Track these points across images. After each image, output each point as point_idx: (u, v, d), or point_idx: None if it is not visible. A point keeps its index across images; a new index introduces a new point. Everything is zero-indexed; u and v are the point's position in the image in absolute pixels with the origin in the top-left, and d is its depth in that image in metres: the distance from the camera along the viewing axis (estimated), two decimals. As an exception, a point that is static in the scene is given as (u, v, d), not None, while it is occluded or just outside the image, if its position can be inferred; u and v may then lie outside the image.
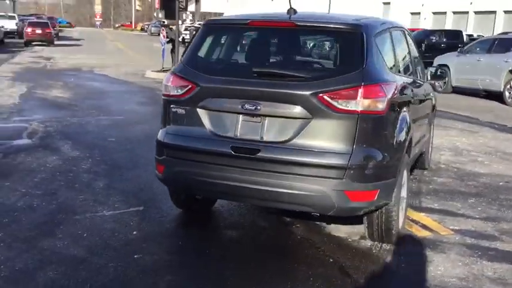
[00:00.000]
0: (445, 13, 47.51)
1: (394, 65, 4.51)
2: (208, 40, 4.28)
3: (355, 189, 3.75)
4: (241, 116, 3.89)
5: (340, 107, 3.69)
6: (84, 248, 4.10)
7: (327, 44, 4.20)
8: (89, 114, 10.06)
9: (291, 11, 4.23)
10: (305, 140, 3.74)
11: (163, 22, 65.32)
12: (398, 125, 4.06)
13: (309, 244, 4.40)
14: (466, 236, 4.68)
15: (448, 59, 16.25)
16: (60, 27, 65.44)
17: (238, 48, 4.44)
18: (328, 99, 3.68)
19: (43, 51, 29.58)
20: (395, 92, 4.03)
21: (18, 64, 20.68)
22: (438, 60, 16.60)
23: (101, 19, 78.61)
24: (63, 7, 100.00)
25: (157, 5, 25.12)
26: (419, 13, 50.55)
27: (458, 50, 16.12)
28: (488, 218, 5.18)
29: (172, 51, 17.74)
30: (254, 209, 5.06)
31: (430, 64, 13.45)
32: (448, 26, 43.86)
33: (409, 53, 5.32)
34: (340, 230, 4.66)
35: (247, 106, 3.82)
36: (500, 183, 6.44)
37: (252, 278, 3.74)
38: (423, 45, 25.58)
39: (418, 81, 5.51)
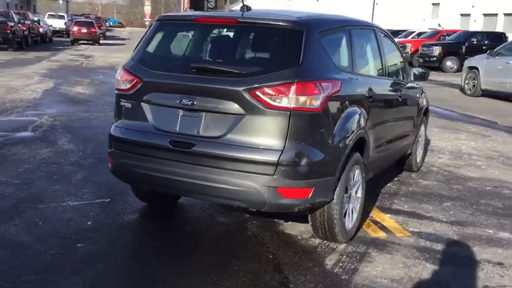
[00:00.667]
0: (496, 15, 46.03)
1: (349, 64, 4.46)
2: (158, 36, 4.36)
3: (287, 186, 3.74)
4: (181, 111, 3.95)
5: (272, 103, 3.70)
6: (33, 235, 4.26)
7: (267, 41, 4.19)
8: (101, 110, 10.33)
9: (244, 8, 4.26)
10: (238, 135, 3.77)
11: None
12: (340, 123, 4.02)
13: (256, 240, 4.42)
14: (422, 239, 4.59)
15: (477, 61, 15.78)
16: (110, 27, 67.16)
17: (183, 44, 4.50)
18: (261, 95, 3.70)
19: (86, 49, 30.53)
20: (338, 89, 3.99)
21: (57, 61, 21.43)
22: (468, 63, 16.17)
23: (150, 19, 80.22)
24: (115, 7, 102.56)
25: (186, 5, 25.51)
26: (469, 15, 49.14)
27: (488, 52, 15.62)
28: (455, 222, 5.05)
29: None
30: (218, 205, 5.10)
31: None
32: (499, 28, 42.40)
33: (380, 53, 5.23)
34: (295, 228, 4.66)
35: (184, 101, 3.89)
36: (487, 188, 6.25)
37: (183, 270, 3.79)
38: (463, 47, 25.05)
39: (391, 81, 5.43)
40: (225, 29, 4.39)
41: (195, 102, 3.86)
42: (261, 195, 3.74)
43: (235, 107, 3.76)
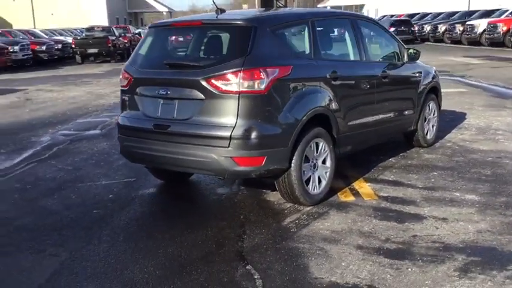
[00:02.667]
0: None
1: (309, 51, 5.15)
2: (148, 40, 5.34)
3: (241, 155, 4.56)
4: (161, 100, 4.91)
5: (224, 88, 4.53)
6: (64, 205, 5.42)
7: (225, 37, 4.99)
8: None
9: (218, 11, 5.12)
10: (201, 116, 4.65)
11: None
12: (290, 101, 4.74)
13: (237, 205, 5.26)
14: (385, 201, 5.17)
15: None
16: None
17: (163, 46, 5.41)
18: (215, 82, 4.55)
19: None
20: (287, 73, 4.72)
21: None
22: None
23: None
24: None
25: (257, 6, 26.45)
26: None
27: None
28: (429, 188, 5.54)
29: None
30: (219, 180, 5.97)
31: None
32: None
33: (357, 38, 5.81)
34: (276, 196, 5.37)
35: (161, 92, 4.84)
36: (488, 159, 6.58)
37: (170, 228, 4.71)
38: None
39: (370, 63, 5.96)
40: (195, 30, 5.28)
41: (169, 92, 4.80)
42: (220, 164, 4.59)
43: (197, 94, 4.64)
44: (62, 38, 31.76)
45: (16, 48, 23.64)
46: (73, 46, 27.83)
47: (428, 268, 3.76)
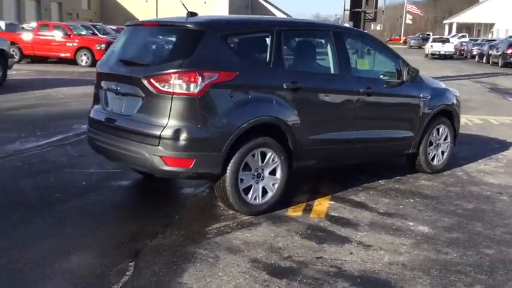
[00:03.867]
0: None
1: (269, 60, 5.08)
2: (121, 37, 5.56)
3: (170, 155, 4.63)
4: (115, 94, 5.12)
5: (160, 88, 4.63)
6: (37, 185, 5.82)
7: (176, 39, 5.04)
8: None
9: (188, 14, 5.24)
10: (140, 114, 4.80)
11: (428, 35, 64.00)
12: (230, 108, 4.72)
13: (184, 207, 5.35)
14: (327, 221, 4.98)
15: None
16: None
17: (131, 43, 5.54)
18: (153, 81, 4.66)
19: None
20: (229, 79, 4.71)
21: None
22: None
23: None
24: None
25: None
26: None
27: None
28: (388, 214, 5.26)
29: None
30: (198, 182, 6.04)
31: None
32: None
33: (335, 52, 5.58)
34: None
35: (112, 87, 5.06)
36: (486, 193, 6.06)
37: (98, 218, 4.94)
38: None
39: (348, 77, 5.69)
40: (154, 31, 5.42)
41: (119, 88, 5.00)
42: (151, 162, 4.71)
43: (138, 91, 4.79)
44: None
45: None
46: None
47: (298, 291, 3.60)
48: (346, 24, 17.79)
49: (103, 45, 22.14)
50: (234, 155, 4.80)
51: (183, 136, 4.60)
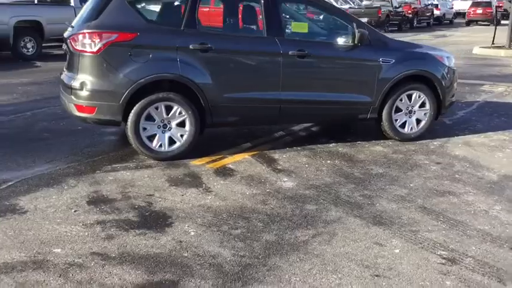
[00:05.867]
0: None
1: (181, 22, 5.64)
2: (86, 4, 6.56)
3: (77, 103, 5.60)
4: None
5: (74, 46, 5.59)
6: (20, 125, 7.23)
7: (96, 5, 5.71)
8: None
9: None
10: (67, 69, 5.84)
11: None
12: (127, 64, 5.44)
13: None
14: (209, 171, 5.43)
15: None
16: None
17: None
18: (70, 41, 5.64)
19: (452, 30, 30.61)
20: (128, 39, 5.44)
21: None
22: None
23: None
24: None
25: None
26: None
27: None
28: (275, 170, 5.46)
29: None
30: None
31: None
32: None
33: (267, 15, 5.83)
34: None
35: (64, 47, 6.12)
36: (433, 168, 5.77)
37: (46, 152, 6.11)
38: None
39: (281, 40, 5.91)
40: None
41: (65, 47, 6.05)
42: (69, 109, 5.73)
43: (69, 50, 5.78)
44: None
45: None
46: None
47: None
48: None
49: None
50: (134, 106, 5.54)
51: (86, 87, 5.52)
